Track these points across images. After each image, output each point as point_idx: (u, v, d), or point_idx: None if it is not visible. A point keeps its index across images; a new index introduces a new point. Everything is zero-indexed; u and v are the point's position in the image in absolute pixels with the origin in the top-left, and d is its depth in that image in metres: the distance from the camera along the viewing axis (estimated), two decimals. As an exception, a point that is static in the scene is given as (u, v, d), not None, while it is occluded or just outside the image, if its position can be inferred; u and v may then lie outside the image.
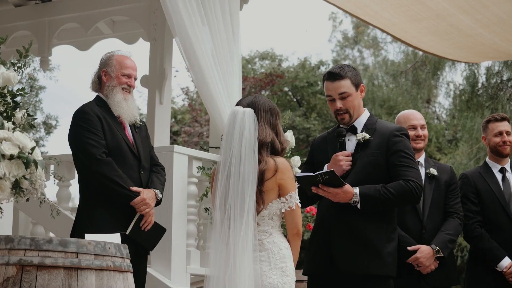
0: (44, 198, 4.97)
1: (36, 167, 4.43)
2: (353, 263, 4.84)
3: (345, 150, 5.01)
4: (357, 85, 5.02)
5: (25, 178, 4.41)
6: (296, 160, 6.92)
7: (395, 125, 5.10)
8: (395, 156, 4.93)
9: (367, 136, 4.96)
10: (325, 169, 4.98)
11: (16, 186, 4.40)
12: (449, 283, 5.90)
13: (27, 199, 4.56)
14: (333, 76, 5.00)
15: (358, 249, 4.85)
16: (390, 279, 4.93)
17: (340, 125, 5.10)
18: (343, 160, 4.94)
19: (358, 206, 4.83)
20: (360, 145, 4.98)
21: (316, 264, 4.97)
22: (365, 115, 5.08)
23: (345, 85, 4.98)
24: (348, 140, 5.03)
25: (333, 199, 4.83)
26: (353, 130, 5.03)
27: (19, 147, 4.41)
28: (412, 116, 6.05)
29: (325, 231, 4.96)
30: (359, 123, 5.05)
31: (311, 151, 5.25)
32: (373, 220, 4.88)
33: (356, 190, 4.81)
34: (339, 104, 4.99)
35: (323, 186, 4.79)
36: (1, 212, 4.60)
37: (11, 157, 4.36)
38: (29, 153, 4.42)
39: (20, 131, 4.54)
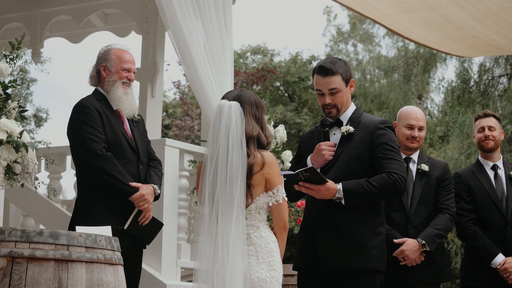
0: (39, 183, 4.96)
1: (27, 151, 4.43)
2: (337, 258, 4.82)
3: (329, 140, 4.98)
4: (347, 81, 4.98)
5: (17, 162, 4.41)
6: (288, 155, 6.92)
7: (379, 118, 5.06)
8: (378, 148, 4.89)
9: (351, 129, 4.93)
10: (308, 160, 4.97)
11: (9, 171, 4.40)
12: (439, 279, 5.88)
13: (22, 185, 4.55)
14: (324, 71, 4.94)
15: (342, 244, 4.82)
16: (378, 273, 4.89)
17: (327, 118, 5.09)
18: (325, 149, 4.91)
19: (343, 202, 4.80)
20: (344, 138, 4.95)
21: (303, 259, 4.96)
22: (351, 109, 5.05)
23: (336, 81, 4.93)
24: (334, 134, 5.01)
25: (316, 196, 4.80)
26: (339, 124, 5.01)
27: (7, 132, 4.41)
28: (413, 115, 5.92)
29: (310, 226, 4.95)
30: (345, 116, 5.01)
31: (299, 145, 5.23)
32: (358, 214, 4.85)
33: (339, 186, 4.78)
34: (328, 99, 4.95)
35: (305, 183, 4.76)
36: None
37: (0, 143, 4.36)
38: (17, 137, 4.42)
39: (6, 117, 4.54)
